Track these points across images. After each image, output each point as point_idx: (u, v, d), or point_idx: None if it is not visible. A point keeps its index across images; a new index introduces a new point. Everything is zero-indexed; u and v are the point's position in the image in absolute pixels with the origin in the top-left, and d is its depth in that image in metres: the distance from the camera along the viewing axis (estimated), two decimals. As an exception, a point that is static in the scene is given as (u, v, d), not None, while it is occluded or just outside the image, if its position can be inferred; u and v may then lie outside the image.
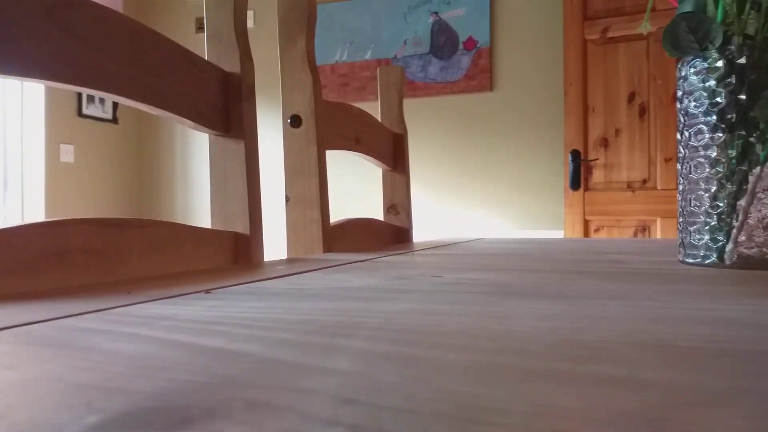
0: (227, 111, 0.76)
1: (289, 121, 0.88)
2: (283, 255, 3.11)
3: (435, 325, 0.30)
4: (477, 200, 2.93)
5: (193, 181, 3.33)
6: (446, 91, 2.87)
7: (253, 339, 0.27)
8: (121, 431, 0.15)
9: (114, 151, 3.17)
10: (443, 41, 2.87)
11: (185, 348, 0.25)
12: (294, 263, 0.71)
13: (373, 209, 2.89)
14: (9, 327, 0.30)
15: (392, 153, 1.22)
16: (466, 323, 0.30)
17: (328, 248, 0.89)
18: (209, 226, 0.80)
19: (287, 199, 0.89)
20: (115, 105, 3.20)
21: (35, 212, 2.83)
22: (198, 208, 3.32)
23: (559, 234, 2.80)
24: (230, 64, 0.76)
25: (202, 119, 0.72)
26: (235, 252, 0.76)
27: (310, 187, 0.87)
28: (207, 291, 0.43)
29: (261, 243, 0.78)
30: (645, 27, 0.76)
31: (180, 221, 3.32)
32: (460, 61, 2.85)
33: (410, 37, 2.91)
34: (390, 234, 1.20)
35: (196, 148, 3.33)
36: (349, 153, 1.42)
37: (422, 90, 2.84)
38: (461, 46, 2.85)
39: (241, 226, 0.76)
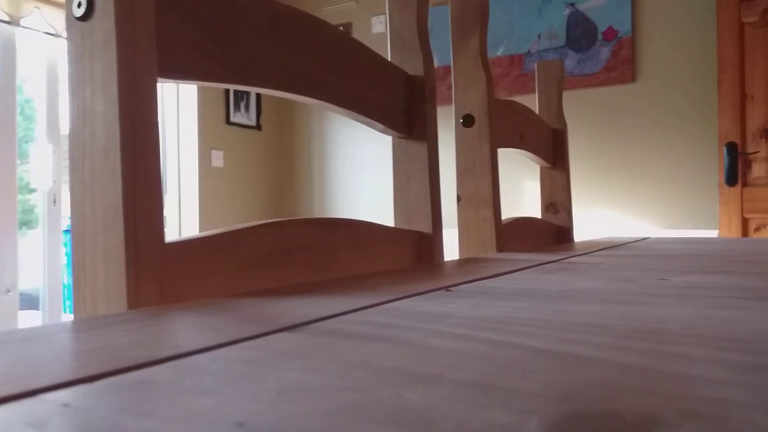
0: (410, 113, 0.78)
1: (461, 120, 0.88)
2: (451, 254, 3.13)
3: (743, 333, 0.28)
4: (617, 198, 2.78)
5: (330, 182, 3.46)
6: (584, 84, 2.75)
7: (578, 343, 0.26)
8: None
9: (258, 156, 3.38)
10: (580, 33, 2.76)
11: (522, 349, 0.25)
12: (481, 262, 0.70)
13: (526, 207, 2.83)
14: (304, 323, 0.32)
15: (552, 149, 1.19)
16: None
17: (501, 248, 0.88)
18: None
19: (459, 199, 0.89)
20: (259, 112, 3.40)
21: (191, 213, 3.07)
22: (335, 207, 3.45)
23: (712, 233, 2.59)
24: (413, 67, 0.78)
25: (389, 122, 0.74)
26: (418, 250, 0.77)
27: (482, 186, 0.87)
28: (447, 289, 0.43)
29: (442, 242, 0.78)
30: None
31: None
32: (599, 53, 2.73)
33: (545, 31, 2.82)
34: (551, 233, 1.17)
35: (332, 151, 3.45)
36: (499, 150, 1.40)
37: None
38: (600, 37, 2.73)
39: (424, 226, 0.77)
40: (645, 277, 0.52)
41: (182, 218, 3.06)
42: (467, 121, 0.87)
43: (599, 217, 2.81)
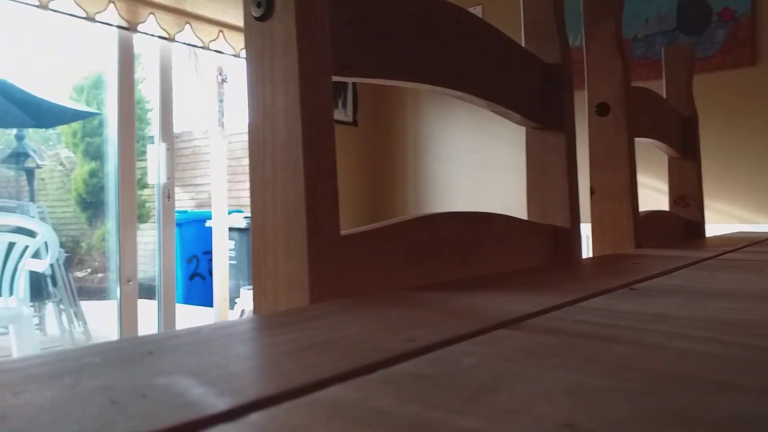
0: (546, 103, 0.75)
1: (595, 109, 0.84)
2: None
3: None
4: (732, 190, 2.60)
5: (425, 177, 3.46)
6: (697, 69, 2.57)
7: None
8: None
9: (354, 152, 3.43)
10: (693, 15, 2.59)
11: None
12: (631, 259, 0.67)
13: (647, 200, 2.69)
14: (514, 320, 0.31)
15: (681, 138, 1.12)
16: None
17: (639, 243, 0.83)
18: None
19: (592, 192, 0.85)
20: (355, 108, 3.45)
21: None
22: (430, 202, 3.44)
23: None
24: (550, 55, 0.75)
25: (526, 112, 0.72)
26: (555, 246, 0.74)
27: (618, 178, 0.83)
28: (631, 288, 0.41)
29: (580, 237, 0.76)
30: None
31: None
32: (713, 36, 2.55)
33: (653, 15, 2.67)
34: (682, 228, 1.10)
35: (427, 146, 3.45)
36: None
37: (669, 70, 2.59)
38: (715, 18, 2.55)
39: (560, 220, 0.75)
40: (840, 275, 0.48)
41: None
42: (602, 109, 0.83)
43: (716, 210, 2.64)
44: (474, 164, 3.32)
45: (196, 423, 0.16)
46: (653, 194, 2.70)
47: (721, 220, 2.65)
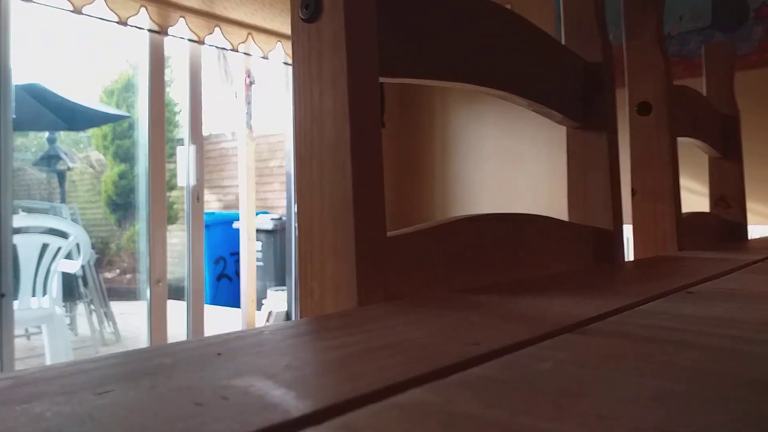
0: (587, 102, 0.74)
1: (636, 108, 0.83)
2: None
3: None
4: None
5: (452, 177, 3.45)
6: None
7: None
8: None
9: (383, 153, 3.43)
10: (729, 12, 2.54)
11: None
12: (677, 262, 0.66)
13: (685, 201, 2.64)
14: (576, 324, 0.30)
15: (722, 138, 1.10)
16: None
17: (681, 245, 0.82)
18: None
19: (633, 192, 0.84)
20: (383, 109, 3.45)
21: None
22: (457, 203, 3.43)
23: None
24: (590, 53, 0.74)
25: (567, 111, 0.71)
26: (597, 247, 0.73)
27: (661, 178, 0.81)
28: (687, 291, 0.40)
29: (622, 239, 0.74)
30: None
31: (439, 216, 3.46)
32: (750, 33, 2.49)
33: (687, 12, 2.62)
34: (723, 229, 1.08)
35: (455, 146, 3.44)
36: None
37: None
38: (752, 15, 2.49)
39: (602, 221, 0.73)
40: None
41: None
42: (643, 108, 0.82)
43: (756, 212, 2.57)
44: (502, 164, 3.29)
45: (285, 425, 0.16)
46: (688, 195, 2.65)
47: (761, 222, 2.59)
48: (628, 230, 0.84)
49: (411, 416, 0.16)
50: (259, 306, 3.25)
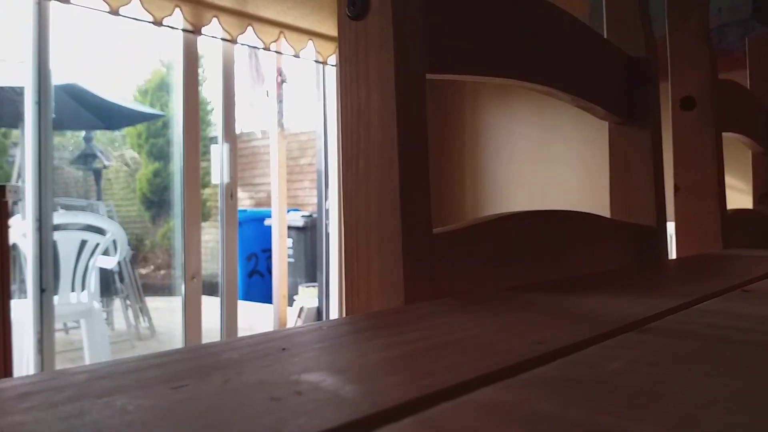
0: (630, 97, 0.73)
1: (679, 102, 0.81)
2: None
3: None
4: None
5: (482, 175, 3.43)
6: (773, 61, 2.45)
7: None
8: None
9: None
10: (770, 2, 2.46)
11: None
12: (725, 260, 0.64)
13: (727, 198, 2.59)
14: (634, 323, 0.30)
15: (766, 133, 1.07)
16: None
17: (726, 242, 0.80)
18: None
19: (676, 189, 0.82)
20: (413, 105, 3.44)
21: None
22: (488, 201, 3.41)
23: None
24: (633, 48, 0.73)
25: (610, 106, 0.70)
26: (640, 245, 0.72)
27: (706, 174, 0.79)
28: (744, 290, 0.39)
29: (666, 237, 0.73)
30: None
31: (469, 215, 3.44)
32: (793, 23, 2.42)
33: (726, 4, 2.56)
34: (767, 227, 1.05)
35: (485, 144, 3.42)
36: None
37: (743, 62, 2.47)
38: (795, 5, 2.42)
39: (646, 218, 0.72)
40: None
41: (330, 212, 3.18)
42: (687, 103, 0.80)
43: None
44: (534, 162, 3.26)
45: (363, 421, 0.16)
46: (730, 192, 2.58)
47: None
48: (670, 227, 0.82)
49: (487, 415, 0.16)
50: (290, 302, 3.28)
